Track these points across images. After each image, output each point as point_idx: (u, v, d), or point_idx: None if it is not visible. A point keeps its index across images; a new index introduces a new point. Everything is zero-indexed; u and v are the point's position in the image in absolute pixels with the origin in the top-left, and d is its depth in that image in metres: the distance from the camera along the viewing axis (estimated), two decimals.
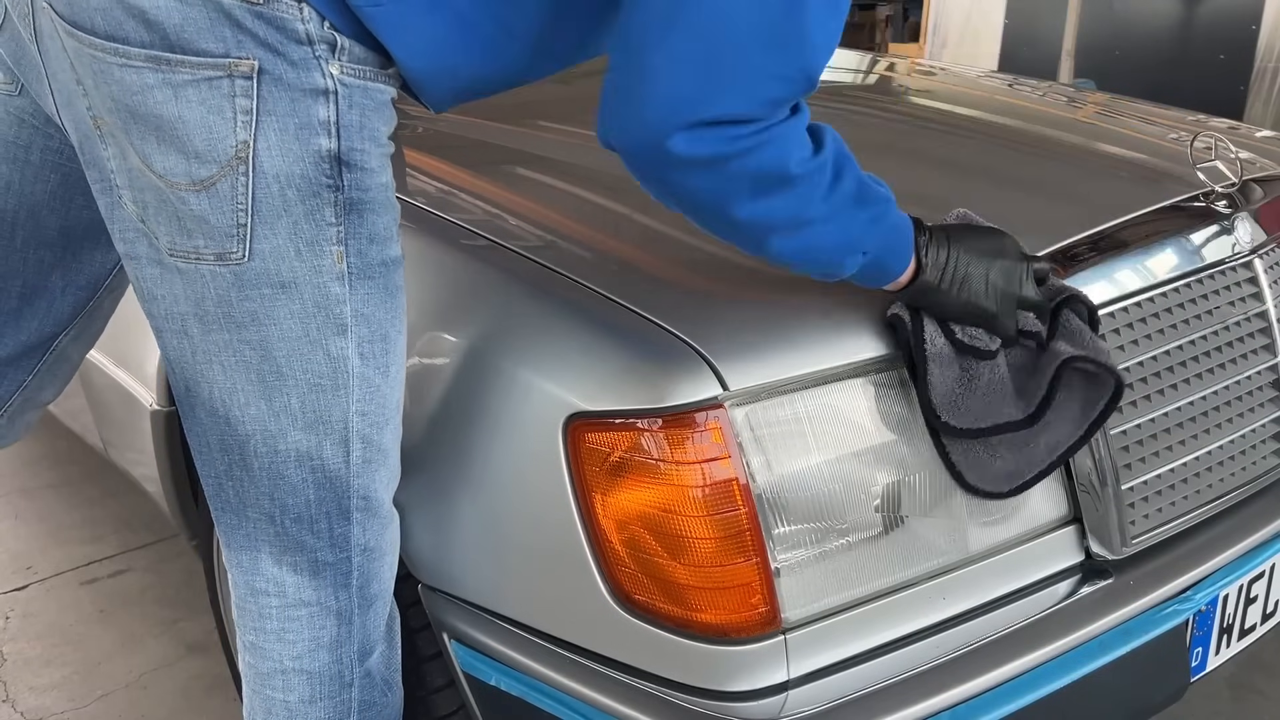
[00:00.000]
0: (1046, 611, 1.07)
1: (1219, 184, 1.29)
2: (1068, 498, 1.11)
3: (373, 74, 0.92)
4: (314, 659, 1.03)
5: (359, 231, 0.92)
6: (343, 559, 1.00)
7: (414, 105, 1.03)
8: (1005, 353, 1.01)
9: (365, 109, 0.91)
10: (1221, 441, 1.21)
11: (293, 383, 0.93)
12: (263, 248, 0.89)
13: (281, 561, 1.00)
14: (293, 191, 0.89)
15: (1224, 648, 1.22)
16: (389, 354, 0.97)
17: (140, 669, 1.89)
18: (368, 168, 0.92)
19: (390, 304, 0.96)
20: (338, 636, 1.03)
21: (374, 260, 0.94)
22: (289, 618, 1.01)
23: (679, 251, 1.14)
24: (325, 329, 0.92)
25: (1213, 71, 4.50)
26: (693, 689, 0.97)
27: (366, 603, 1.03)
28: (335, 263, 0.91)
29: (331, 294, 0.92)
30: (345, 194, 0.91)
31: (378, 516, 1.01)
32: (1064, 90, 2.10)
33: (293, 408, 0.94)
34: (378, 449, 0.99)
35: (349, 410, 0.95)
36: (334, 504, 0.98)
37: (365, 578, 1.02)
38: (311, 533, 0.98)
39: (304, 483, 0.97)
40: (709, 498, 0.93)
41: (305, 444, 0.95)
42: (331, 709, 1.04)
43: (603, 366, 0.95)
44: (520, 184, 1.36)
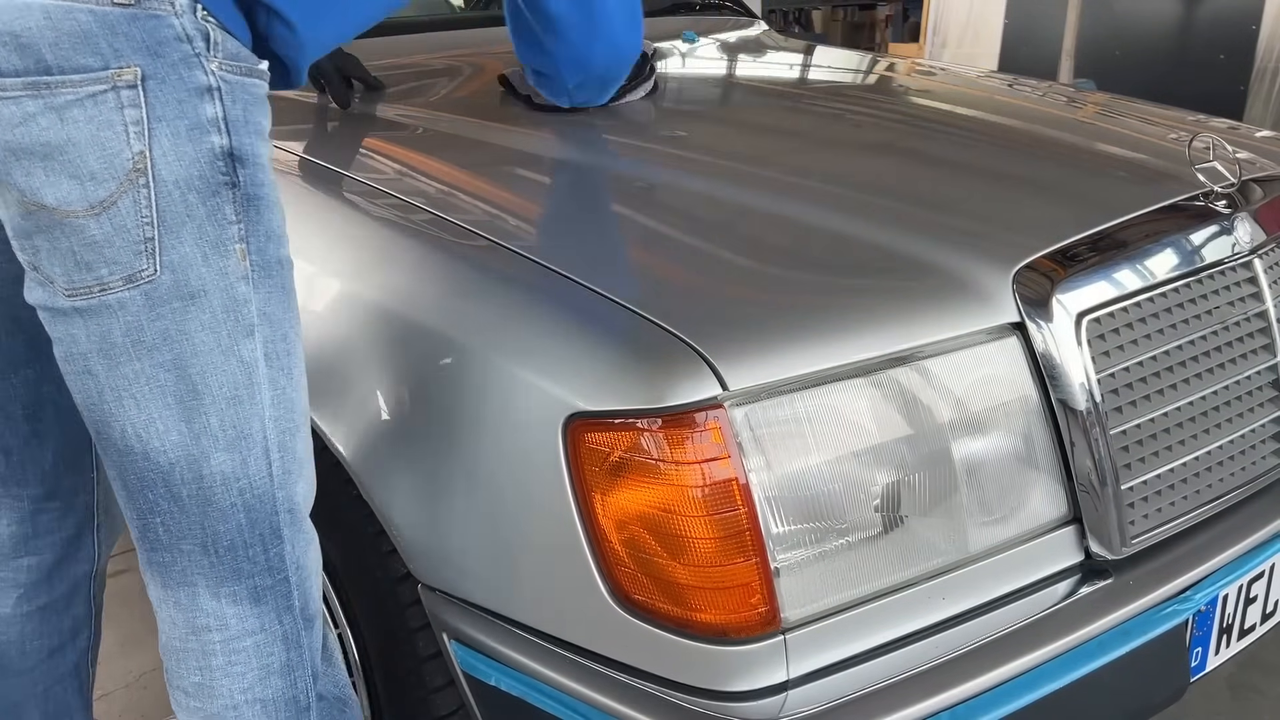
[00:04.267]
0: (1046, 611, 1.07)
1: (1218, 184, 1.29)
2: (1068, 498, 1.11)
3: (246, 69, 0.92)
4: (265, 687, 1.00)
5: (257, 229, 0.92)
6: (280, 580, 0.98)
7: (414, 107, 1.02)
8: None
9: (247, 104, 0.92)
10: (1221, 441, 1.21)
11: (210, 400, 0.92)
12: (172, 258, 0.88)
13: (219, 594, 0.97)
14: (194, 195, 0.88)
15: (1224, 648, 1.22)
16: (291, 355, 0.97)
17: (140, 669, 1.89)
18: (259, 162, 0.93)
19: (288, 303, 0.96)
20: (288, 661, 1.00)
21: (272, 258, 0.94)
22: (234, 650, 0.99)
23: (679, 251, 1.14)
24: (235, 333, 0.92)
25: (1213, 71, 4.50)
26: (692, 689, 0.97)
27: (309, 623, 1.02)
28: (239, 261, 0.91)
29: (238, 295, 0.91)
30: (242, 189, 0.91)
31: (303, 531, 1.00)
32: (1064, 90, 2.10)
33: (213, 428, 0.92)
34: (294, 457, 0.97)
35: (265, 419, 0.94)
36: (265, 524, 0.96)
37: (304, 598, 1.01)
38: (247, 558, 0.96)
39: (233, 507, 0.94)
40: (709, 498, 0.93)
41: (230, 464, 0.93)
42: None
43: (603, 366, 0.95)
44: (520, 184, 1.36)
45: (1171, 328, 1.17)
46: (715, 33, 2.35)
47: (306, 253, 1.25)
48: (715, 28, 2.39)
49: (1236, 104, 4.42)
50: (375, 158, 1.46)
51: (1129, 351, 1.13)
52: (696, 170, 1.38)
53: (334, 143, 1.55)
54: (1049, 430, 1.09)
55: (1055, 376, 1.08)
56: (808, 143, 1.58)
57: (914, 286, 1.07)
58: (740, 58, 2.19)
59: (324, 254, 1.23)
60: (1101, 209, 1.24)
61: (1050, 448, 1.09)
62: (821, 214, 1.21)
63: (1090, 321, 1.10)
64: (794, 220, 1.20)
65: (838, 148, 1.56)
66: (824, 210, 1.22)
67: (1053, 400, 1.08)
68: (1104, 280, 1.13)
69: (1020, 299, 1.08)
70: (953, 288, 1.07)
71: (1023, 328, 1.08)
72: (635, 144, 1.52)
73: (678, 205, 1.28)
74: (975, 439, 1.05)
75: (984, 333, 1.06)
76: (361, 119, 1.63)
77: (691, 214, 1.24)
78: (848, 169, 1.43)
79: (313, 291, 1.21)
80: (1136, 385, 1.14)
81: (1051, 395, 1.08)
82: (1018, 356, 1.08)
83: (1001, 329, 1.07)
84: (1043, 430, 1.09)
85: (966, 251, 1.12)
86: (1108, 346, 1.11)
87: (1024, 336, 1.08)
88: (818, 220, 1.20)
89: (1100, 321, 1.11)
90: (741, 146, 1.52)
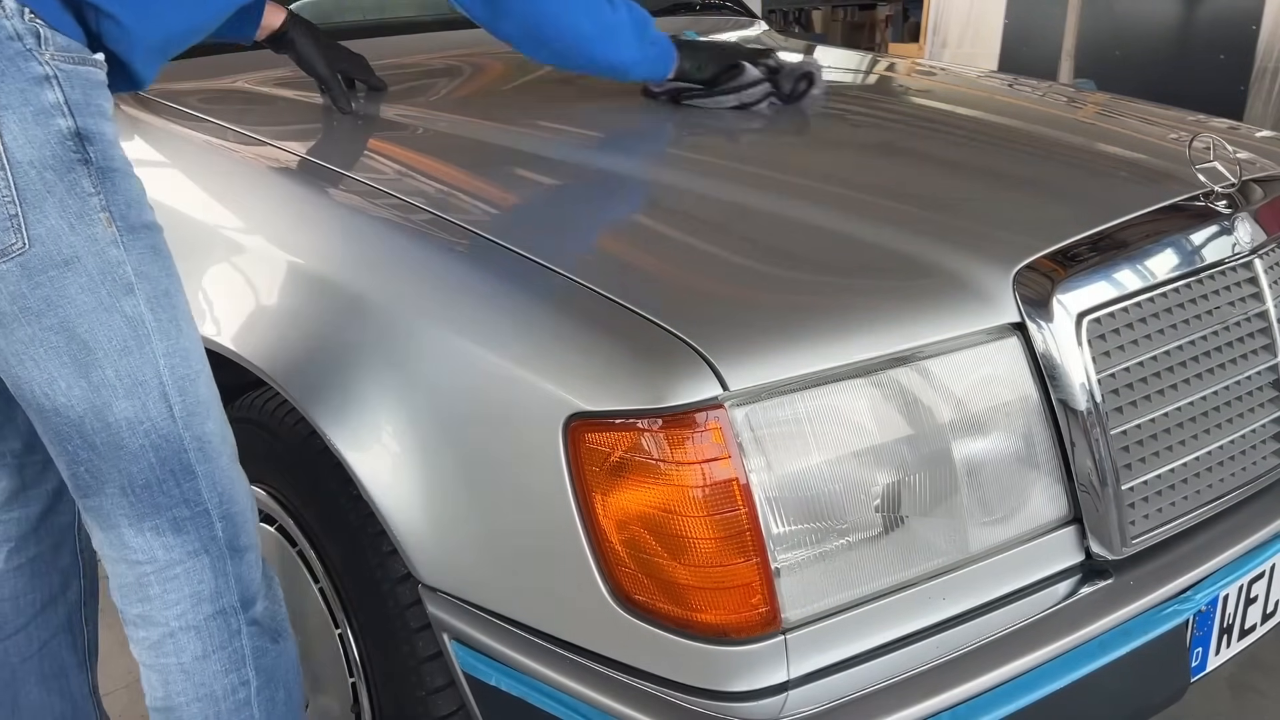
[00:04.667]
0: (1046, 611, 1.07)
1: (1219, 184, 1.29)
2: (1068, 498, 1.11)
3: (79, 59, 1.00)
4: (197, 612, 1.08)
5: (117, 197, 1.00)
6: (200, 512, 1.06)
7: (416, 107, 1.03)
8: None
9: (86, 88, 0.99)
10: (1221, 441, 1.21)
11: (102, 354, 0.99)
12: (39, 231, 0.96)
13: (143, 529, 1.05)
14: (50, 173, 0.96)
15: (1224, 648, 1.22)
16: (175, 309, 1.04)
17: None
18: (107, 139, 1.00)
19: (163, 264, 1.04)
20: (216, 588, 1.08)
21: (137, 223, 1.01)
22: (166, 579, 1.07)
23: (679, 251, 1.14)
24: (115, 292, 0.99)
25: (1213, 71, 4.50)
26: (693, 689, 0.97)
27: (238, 553, 1.09)
28: (106, 227, 0.99)
29: (111, 258, 0.99)
30: (96, 164, 0.98)
31: (220, 467, 1.07)
32: (1064, 90, 2.10)
33: (110, 379, 1.00)
34: (197, 400, 1.05)
35: (159, 365, 1.02)
36: (175, 460, 1.04)
37: (232, 530, 1.08)
38: (163, 493, 1.04)
39: (142, 448, 1.02)
40: (709, 498, 0.93)
41: (132, 409, 1.01)
42: (225, 659, 1.10)
43: (603, 367, 0.95)
44: (520, 184, 1.36)
45: (1172, 328, 1.17)
46: (715, 33, 2.35)
47: (306, 252, 1.25)
48: (715, 28, 2.39)
49: (1236, 104, 4.42)
50: (377, 158, 1.46)
51: (1129, 351, 1.13)
52: (697, 170, 1.38)
53: (338, 143, 1.55)
54: (1049, 430, 1.09)
55: (1055, 376, 1.08)
56: (808, 142, 1.58)
57: (914, 286, 1.07)
58: None
59: (324, 254, 1.23)
60: (1102, 209, 1.24)
61: (1050, 448, 1.09)
62: (821, 214, 1.21)
63: (1090, 321, 1.10)
64: (794, 220, 1.20)
65: (838, 148, 1.56)
66: (824, 210, 1.22)
67: (1053, 400, 1.08)
68: (1104, 280, 1.13)
69: (1020, 299, 1.08)
70: (953, 288, 1.07)
71: (1023, 328, 1.08)
72: (635, 144, 1.52)
73: (678, 205, 1.28)
74: (976, 439, 1.05)
75: (984, 333, 1.06)
76: (364, 119, 1.63)
77: (692, 214, 1.24)
78: (848, 169, 1.43)
79: (312, 292, 1.21)
80: (1137, 385, 1.13)
81: (1052, 395, 1.08)
82: (1018, 357, 1.08)
83: (1002, 329, 1.07)
84: (1043, 430, 1.08)
85: (966, 251, 1.12)
86: (1108, 346, 1.11)
87: (1024, 336, 1.08)
88: (818, 220, 1.20)
89: (1101, 321, 1.11)
90: (741, 146, 1.52)
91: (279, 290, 1.25)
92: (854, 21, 8.96)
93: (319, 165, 1.39)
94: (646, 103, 1.68)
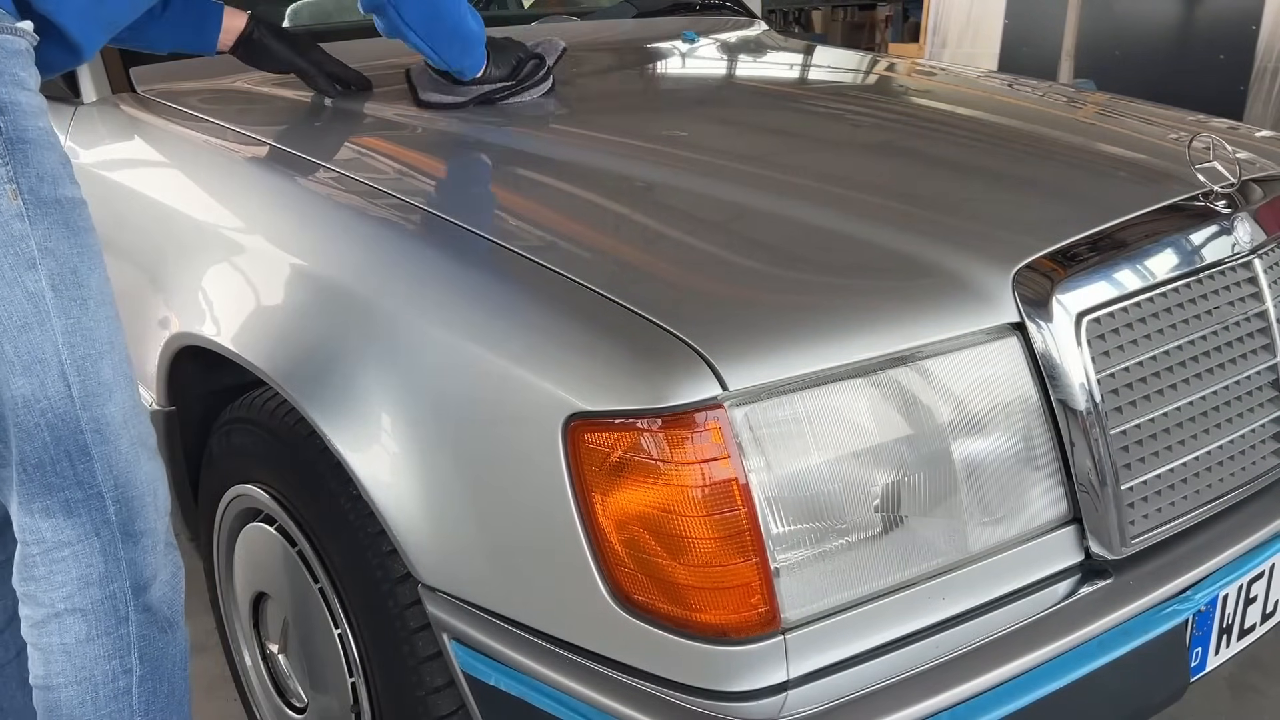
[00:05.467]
0: (1046, 611, 1.07)
1: (1218, 184, 1.29)
2: (1067, 498, 1.11)
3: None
4: (85, 595, 1.06)
5: (26, 170, 0.98)
6: (94, 495, 1.04)
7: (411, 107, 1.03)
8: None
9: (1, 58, 0.98)
10: (1221, 441, 1.21)
11: (1, 329, 0.98)
12: None
13: (33, 509, 1.04)
14: None
15: (1224, 648, 1.22)
16: (82, 287, 1.02)
17: None
18: (21, 109, 0.99)
19: (75, 240, 1.02)
20: (106, 572, 1.06)
21: (48, 197, 1.00)
22: (53, 560, 1.06)
23: (679, 251, 1.14)
24: (17, 266, 0.98)
25: (1213, 71, 4.51)
26: (692, 689, 0.97)
27: (132, 539, 1.07)
28: (10, 200, 0.98)
29: (14, 231, 0.98)
30: (5, 135, 0.97)
31: (118, 451, 1.05)
32: (1064, 90, 2.10)
33: (8, 354, 0.99)
34: (98, 380, 1.03)
35: (58, 343, 1.00)
36: (70, 441, 1.02)
37: (127, 514, 1.06)
38: (55, 474, 1.03)
39: (38, 426, 1.01)
40: (708, 498, 0.93)
41: (29, 387, 1.00)
42: (110, 645, 1.08)
43: (603, 366, 0.95)
44: (520, 184, 1.36)
45: (1171, 328, 1.17)
46: (715, 33, 2.35)
47: (304, 252, 1.25)
48: (715, 28, 2.39)
49: (1236, 104, 4.43)
50: (377, 158, 1.46)
51: (1129, 351, 1.13)
52: (697, 170, 1.38)
53: (338, 143, 1.55)
54: (1049, 430, 1.09)
55: (1055, 376, 1.08)
56: (808, 143, 1.58)
57: (914, 286, 1.07)
58: (740, 58, 2.19)
59: (323, 254, 1.23)
60: (1101, 209, 1.24)
61: (1050, 448, 1.09)
62: (821, 214, 1.21)
63: (1090, 321, 1.10)
64: (794, 220, 1.20)
65: (838, 148, 1.56)
66: (824, 210, 1.22)
67: (1053, 400, 1.08)
68: (1104, 280, 1.13)
69: (1020, 299, 1.08)
70: (953, 288, 1.07)
71: (1023, 328, 1.08)
72: (636, 144, 1.52)
73: (678, 205, 1.28)
74: (975, 439, 1.05)
75: (984, 333, 1.06)
76: (363, 119, 1.63)
77: (692, 214, 1.24)
78: (848, 169, 1.43)
79: (311, 292, 1.21)
80: (1136, 385, 1.14)
81: (1051, 395, 1.08)
82: (1018, 356, 1.08)
83: (1001, 329, 1.07)
84: (1043, 430, 1.09)
85: (966, 251, 1.12)
86: (1108, 346, 1.11)
87: (1024, 336, 1.08)
88: (818, 220, 1.20)
89: (1100, 321, 1.11)
90: (742, 146, 1.52)
91: (279, 290, 1.25)
92: (854, 21, 8.97)
93: (319, 165, 1.39)
94: (639, 102, 1.68)
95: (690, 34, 2.23)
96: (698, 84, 1.99)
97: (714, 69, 2.10)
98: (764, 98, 1.88)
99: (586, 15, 2.39)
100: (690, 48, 2.18)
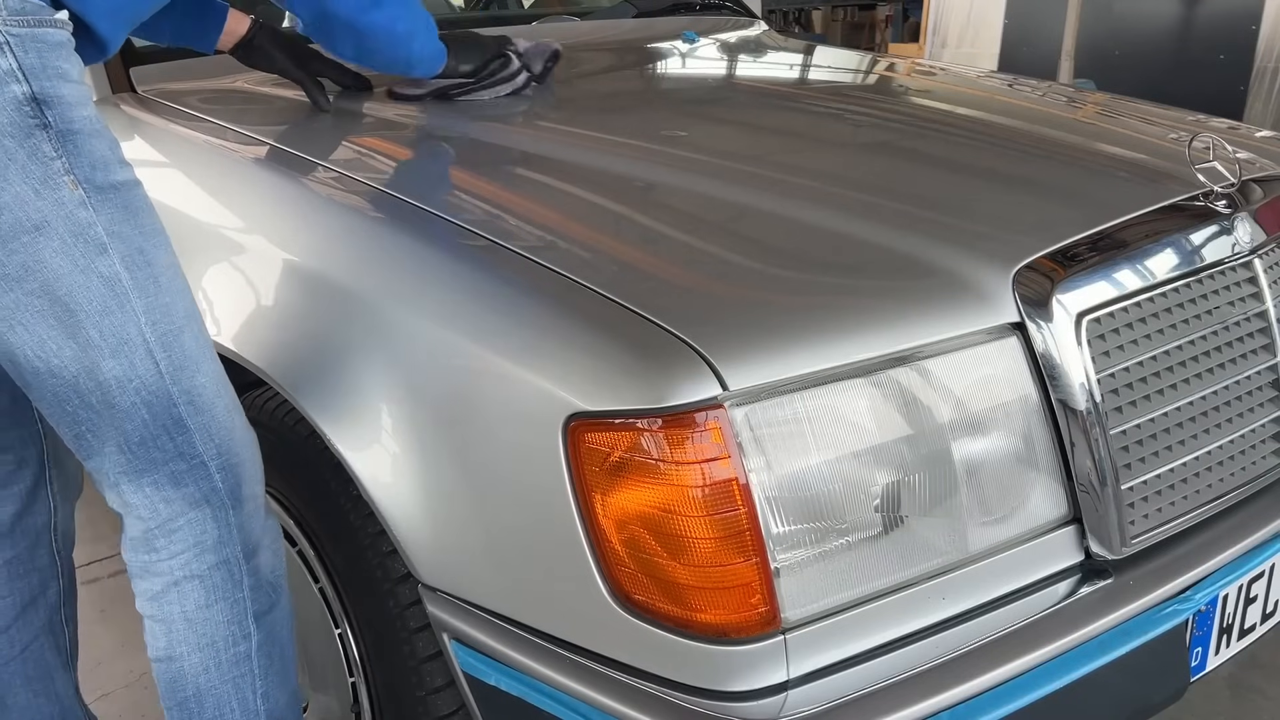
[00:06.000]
0: (1046, 611, 1.07)
1: (1218, 184, 1.29)
2: (1067, 498, 1.11)
3: (36, 20, 0.99)
4: (201, 561, 1.09)
5: (81, 160, 1.00)
6: (197, 465, 1.07)
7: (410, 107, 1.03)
8: None
9: (42, 51, 0.98)
10: (1221, 441, 1.21)
11: (84, 315, 1.00)
12: (5, 199, 0.96)
13: (142, 485, 1.07)
14: (9, 140, 0.96)
15: (1224, 648, 1.22)
16: (152, 266, 1.04)
17: (140, 669, 1.89)
18: (66, 101, 0.99)
19: (137, 221, 1.04)
20: (220, 537, 1.09)
21: (105, 183, 1.01)
22: (170, 530, 1.08)
23: (679, 251, 1.14)
24: (89, 253, 1.00)
25: (1213, 71, 4.51)
26: (692, 689, 0.97)
27: (239, 503, 1.10)
28: (72, 190, 0.99)
29: (81, 220, 0.99)
30: (55, 128, 0.98)
31: (215, 419, 1.07)
32: (1064, 90, 2.10)
33: (94, 339, 1.01)
34: (183, 353, 1.05)
35: (140, 323, 1.02)
36: (166, 415, 1.05)
37: (232, 480, 1.09)
38: (158, 448, 1.05)
39: (134, 405, 1.03)
40: (709, 498, 0.93)
41: (119, 368, 1.02)
42: (228, 610, 1.11)
43: (603, 366, 0.95)
44: (519, 183, 1.36)
45: (1171, 328, 1.17)
46: (715, 33, 2.35)
47: (304, 251, 1.25)
48: (715, 28, 2.39)
49: (1236, 104, 4.43)
50: (377, 158, 1.46)
51: (1129, 351, 1.13)
52: (697, 170, 1.38)
53: (338, 143, 1.55)
54: (1049, 430, 1.09)
55: (1055, 376, 1.08)
56: (808, 143, 1.58)
57: (914, 286, 1.08)
58: (740, 58, 2.19)
59: (323, 253, 1.23)
60: (1101, 209, 1.24)
61: (1050, 448, 1.09)
62: (821, 214, 1.21)
63: (1090, 321, 1.10)
64: (794, 220, 1.20)
65: (838, 148, 1.56)
66: (824, 210, 1.22)
67: (1053, 400, 1.08)
68: (1104, 280, 1.13)
69: (1020, 299, 1.08)
70: (953, 288, 1.07)
71: (1023, 328, 1.08)
72: (636, 144, 1.52)
73: (678, 204, 1.28)
74: (975, 439, 1.05)
75: (984, 333, 1.06)
76: (364, 119, 1.63)
77: (692, 214, 1.24)
78: (848, 169, 1.43)
79: (311, 291, 1.21)
80: (1136, 385, 1.14)
81: (1051, 395, 1.08)
82: (1018, 356, 1.08)
83: (1001, 329, 1.07)
84: (1043, 430, 1.09)
85: (966, 251, 1.12)
86: (1108, 346, 1.12)
87: (1024, 336, 1.08)
88: (818, 220, 1.20)
89: (1100, 321, 1.11)
90: (742, 146, 1.52)
91: (279, 290, 1.25)
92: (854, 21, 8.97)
93: (319, 165, 1.39)
94: (639, 102, 1.68)
95: (690, 34, 2.23)
96: (698, 84, 1.99)
97: (714, 69, 2.10)
98: (764, 98, 1.88)
99: (586, 15, 2.39)
100: (690, 48, 2.18)
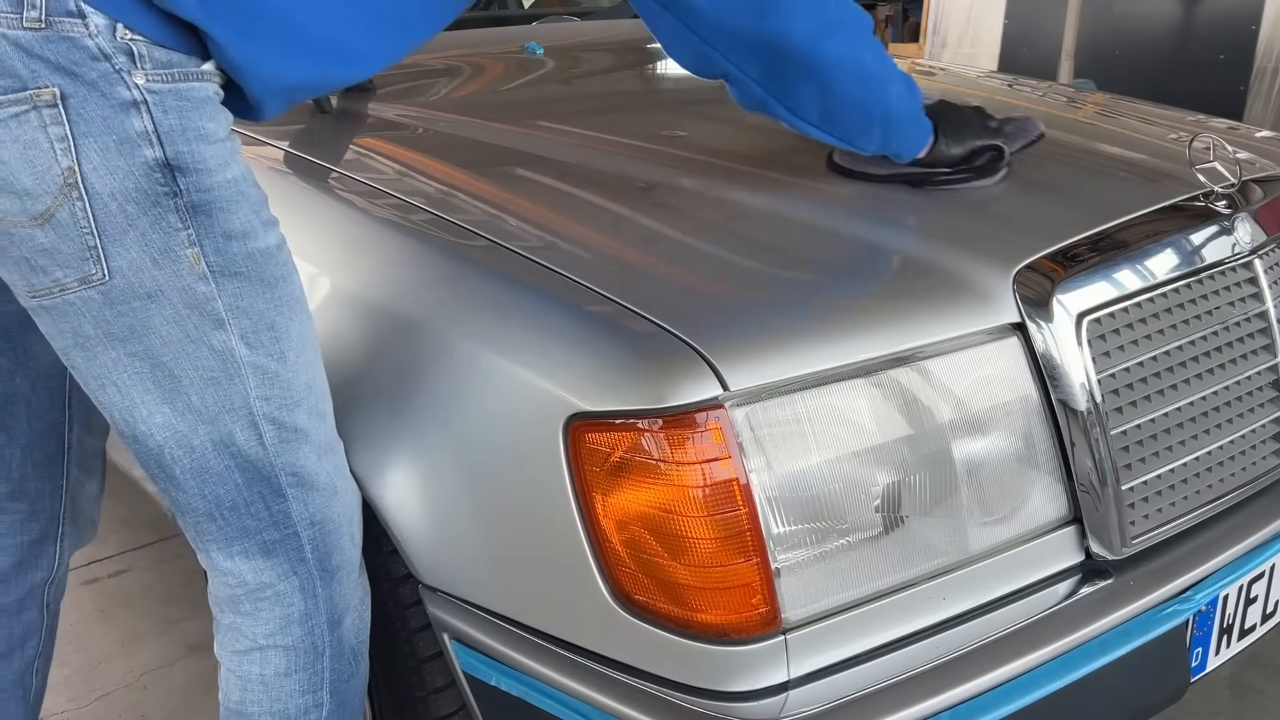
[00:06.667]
0: (1046, 612, 1.07)
1: (1218, 184, 1.29)
2: (1068, 498, 1.11)
3: (182, 74, 0.91)
4: (286, 634, 1.07)
5: (211, 231, 0.93)
6: (290, 535, 1.03)
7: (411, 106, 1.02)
8: None
9: (183, 111, 0.91)
10: (1221, 441, 1.21)
11: (187, 381, 0.95)
12: (119, 264, 0.90)
13: (232, 552, 1.04)
14: (132, 205, 0.89)
15: (1224, 648, 1.22)
16: (280, 340, 0.98)
17: (140, 669, 1.89)
18: (203, 168, 0.92)
19: (270, 293, 0.97)
20: (305, 610, 1.07)
21: (237, 255, 0.95)
22: (257, 599, 1.06)
23: (679, 251, 1.14)
24: (202, 326, 0.94)
25: (1213, 71, 4.50)
26: (693, 689, 0.97)
27: (328, 574, 1.07)
28: (193, 264, 0.93)
29: (198, 294, 0.93)
30: (186, 198, 0.91)
31: (315, 490, 1.04)
32: (1064, 90, 2.10)
33: (195, 405, 0.96)
34: (292, 429, 1.01)
35: (249, 396, 0.98)
36: (263, 484, 1.01)
37: (322, 551, 1.06)
38: (251, 515, 1.02)
39: (228, 469, 0.99)
40: (709, 498, 0.93)
41: (216, 434, 0.98)
42: (305, 680, 1.09)
43: (603, 366, 0.95)
44: (520, 184, 1.36)
45: (1172, 328, 1.17)
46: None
47: (305, 251, 1.25)
48: None
49: (1236, 104, 4.42)
50: (377, 158, 1.46)
51: (1129, 352, 1.13)
52: (697, 170, 1.38)
53: (338, 143, 1.55)
54: (1049, 430, 1.09)
55: (1055, 377, 1.08)
56: (808, 142, 1.58)
57: (914, 286, 1.08)
58: None
59: (323, 253, 1.23)
60: (1101, 209, 1.24)
61: (1050, 448, 1.09)
62: (822, 214, 1.21)
63: (1090, 322, 1.10)
64: (794, 220, 1.20)
65: None
66: (824, 210, 1.22)
67: (1053, 400, 1.08)
68: (1104, 280, 1.13)
69: (1020, 299, 1.08)
70: (953, 288, 1.07)
71: (1023, 328, 1.08)
72: (636, 144, 1.52)
73: (678, 205, 1.28)
74: (975, 439, 1.05)
75: (984, 333, 1.06)
76: (364, 119, 1.63)
77: (692, 214, 1.24)
78: None
79: (311, 291, 1.21)
80: (1137, 385, 1.14)
81: (1052, 395, 1.08)
82: (1018, 357, 1.08)
83: (1002, 329, 1.07)
84: (1043, 430, 1.09)
85: (966, 251, 1.12)
86: (1108, 347, 1.11)
87: (1024, 337, 1.08)
88: (818, 220, 1.20)
89: (1100, 322, 1.11)
90: (742, 146, 1.52)
91: None
92: None
93: (319, 165, 1.39)
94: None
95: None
96: (698, 84, 1.98)
97: None
98: None
99: (587, 15, 2.39)
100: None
